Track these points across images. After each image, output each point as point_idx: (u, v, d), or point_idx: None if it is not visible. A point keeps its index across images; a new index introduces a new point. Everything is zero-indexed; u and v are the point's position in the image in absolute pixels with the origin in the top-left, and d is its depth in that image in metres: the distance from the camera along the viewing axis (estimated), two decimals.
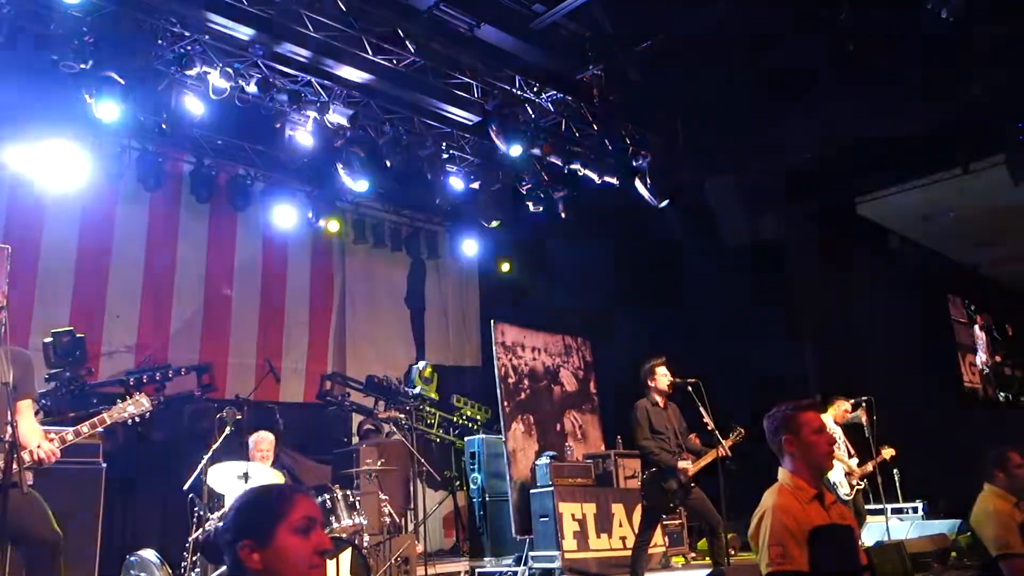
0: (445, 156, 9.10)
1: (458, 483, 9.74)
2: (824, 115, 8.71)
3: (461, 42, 7.63)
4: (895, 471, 8.31)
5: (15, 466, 3.51)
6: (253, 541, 1.87)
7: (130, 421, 4.12)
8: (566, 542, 8.43)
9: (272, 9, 6.92)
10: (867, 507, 8.06)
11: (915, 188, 10.33)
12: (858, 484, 7.65)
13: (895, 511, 8.72)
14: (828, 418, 7.68)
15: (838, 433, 7.77)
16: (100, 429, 4.00)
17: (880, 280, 11.41)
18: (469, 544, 9.68)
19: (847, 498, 7.43)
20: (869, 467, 7.67)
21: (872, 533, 8.02)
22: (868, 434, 7.69)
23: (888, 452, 7.81)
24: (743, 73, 8.00)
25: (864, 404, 7.81)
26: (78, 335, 7.24)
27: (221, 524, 1.94)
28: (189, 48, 6.88)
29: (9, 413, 3.62)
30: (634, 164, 9.15)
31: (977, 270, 14.01)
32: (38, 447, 3.74)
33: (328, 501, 6.04)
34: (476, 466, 9.70)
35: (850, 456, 7.75)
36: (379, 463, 7.46)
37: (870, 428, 7.71)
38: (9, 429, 3.59)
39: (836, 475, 7.34)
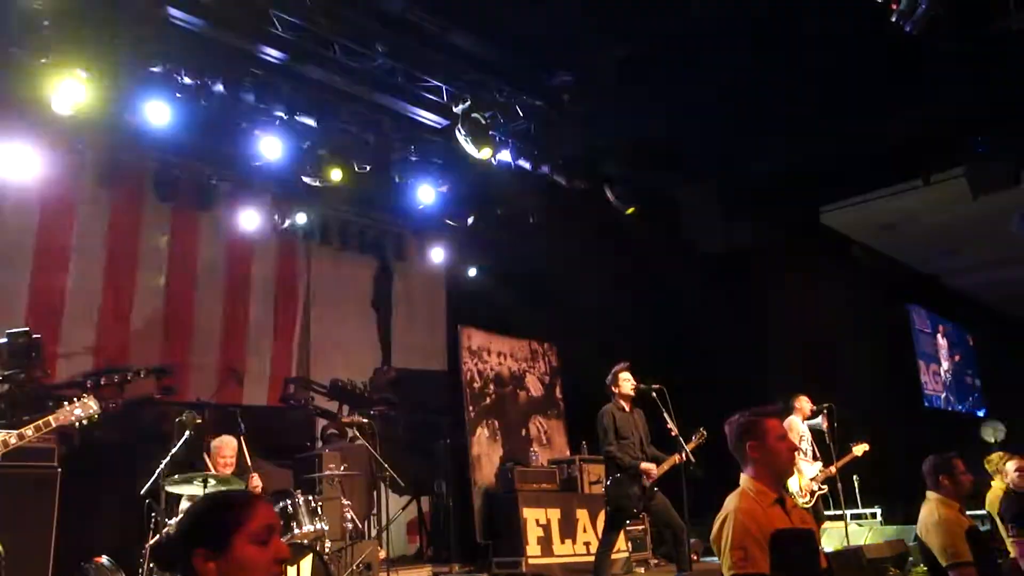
0: (413, 159, 9.06)
1: (422, 488, 9.67)
2: (789, 125, 8.82)
3: (431, 45, 7.60)
4: (854, 476, 8.42)
5: None
6: (208, 550, 1.83)
7: (77, 424, 4.02)
8: (530, 547, 8.43)
9: (239, 8, 6.84)
10: (826, 512, 8.15)
11: (878, 199, 10.53)
12: (819, 489, 7.73)
13: (854, 516, 8.84)
14: (796, 418, 7.76)
15: (806, 433, 7.84)
16: (46, 432, 3.89)
17: (843, 288, 11.60)
18: (433, 550, 9.63)
19: (806, 506, 7.50)
20: (832, 470, 7.75)
21: (831, 538, 8.12)
22: (829, 440, 7.78)
23: (860, 448, 7.87)
24: (713, 81, 8.07)
25: (826, 411, 7.90)
26: (35, 336, 7.07)
27: (175, 530, 1.90)
28: (153, 44, 6.76)
29: None
30: (603, 170, 9.19)
31: (939, 280, 14.30)
32: None
33: (290, 506, 5.97)
34: (440, 471, 9.66)
35: (815, 459, 7.82)
36: (342, 468, 7.39)
37: (831, 434, 7.79)
38: None
39: (793, 485, 7.41)
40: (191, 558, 1.83)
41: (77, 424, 4.03)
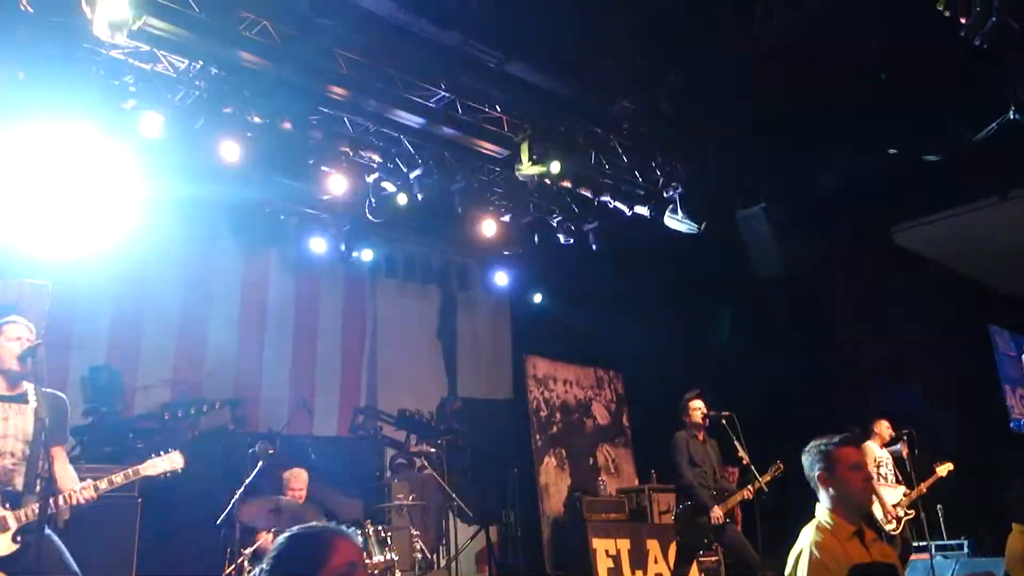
0: (476, 188, 9.15)
1: (490, 518, 9.63)
2: (858, 142, 8.62)
3: (490, 77, 7.69)
4: (939, 506, 8.07)
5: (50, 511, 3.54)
6: None
7: (162, 476, 4.17)
8: None
9: (306, 47, 7.05)
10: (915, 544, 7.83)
11: (952, 216, 10.18)
12: (906, 514, 7.44)
13: (939, 548, 8.46)
14: (873, 443, 7.51)
15: (885, 459, 7.58)
16: (133, 479, 4.03)
17: (919, 311, 11.21)
18: None
19: (893, 533, 7.23)
20: (919, 490, 7.46)
21: (916, 572, 7.78)
22: (909, 468, 7.50)
23: (945, 468, 7.58)
24: (775, 101, 7.96)
25: (905, 437, 7.63)
26: (115, 369, 7.34)
27: (265, 567, 1.91)
28: (225, 86, 7.02)
29: (40, 463, 3.64)
30: (665, 195, 9.13)
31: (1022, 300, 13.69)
32: (80, 490, 3.77)
33: (359, 537, 6.02)
34: (508, 501, 9.62)
35: (898, 483, 7.54)
36: (411, 498, 7.42)
37: (911, 461, 7.51)
38: (39, 482, 3.62)
39: (877, 512, 7.15)
40: None
41: (162, 477, 4.20)
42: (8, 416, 3.83)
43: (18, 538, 3.66)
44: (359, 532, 6.01)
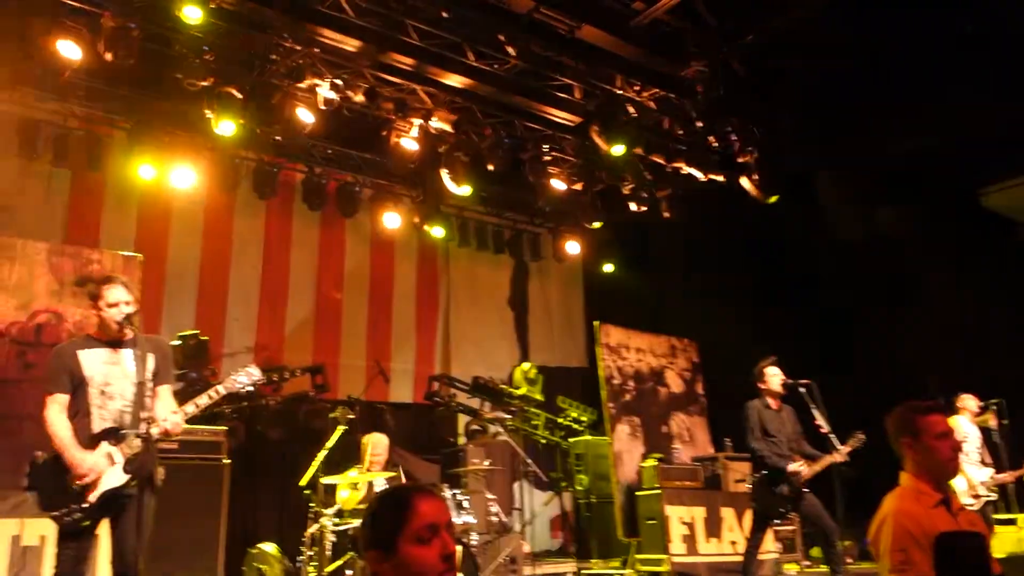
0: (547, 158, 9.12)
1: (564, 484, 9.73)
2: (943, 101, 8.26)
3: (561, 44, 7.63)
4: None
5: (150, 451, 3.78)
6: (379, 552, 1.87)
7: (244, 391, 4.30)
8: (674, 546, 8.30)
9: (378, 20, 7.13)
10: (995, 516, 7.58)
11: None
12: (988, 495, 7.19)
13: None
14: (962, 419, 7.25)
15: (974, 435, 7.30)
16: (216, 400, 4.20)
17: (1010, 276, 10.73)
18: (576, 545, 9.67)
19: (971, 509, 7.01)
20: (1008, 477, 7.19)
21: (1003, 544, 7.54)
22: (998, 439, 7.25)
23: None
24: (854, 61, 7.68)
25: (994, 407, 7.35)
26: (203, 338, 7.64)
27: (360, 527, 1.96)
28: (300, 61, 7.15)
29: (144, 405, 3.85)
30: (740, 160, 8.93)
31: None
32: (164, 420, 3.97)
33: (446, 495, 6.16)
34: (582, 467, 9.69)
35: (985, 464, 7.29)
36: (486, 463, 7.55)
37: (1000, 433, 7.25)
38: (144, 426, 3.83)
39: (959, 485, 6.92)
40: (368, 559, 1.90)
41: (243, 391, 4.30)
42: (117, 361, 4.08)
43: (127, 467, 3.92)
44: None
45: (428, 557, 1.86)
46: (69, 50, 6.39)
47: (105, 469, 3.88)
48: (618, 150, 8.00)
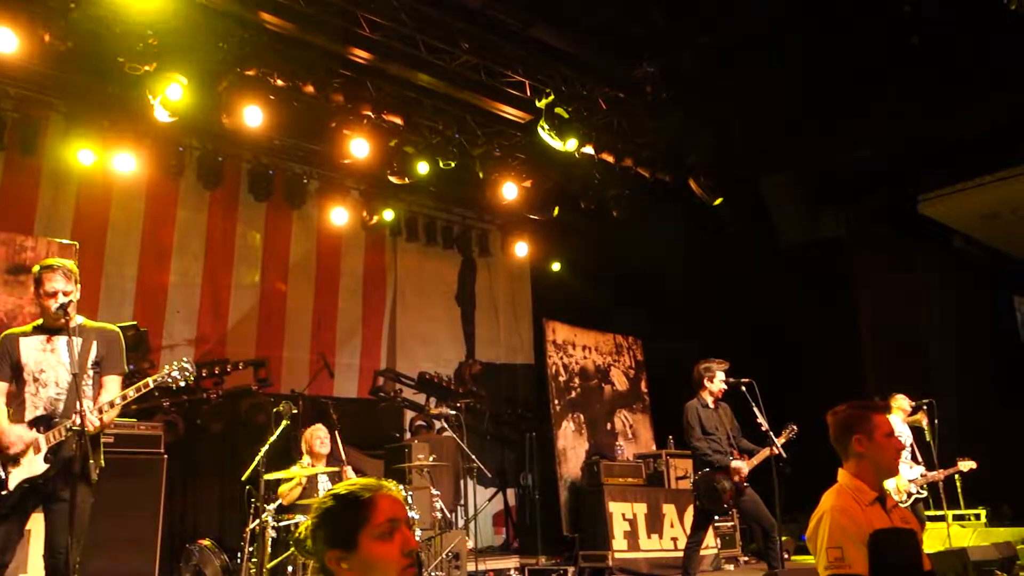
0: (497, 154, 9.12)
1: (508, 480, 9.77)
2: (886, 111, 8.50)
3: (513, 41, 7.63)
4: (956, 476, 8.08)
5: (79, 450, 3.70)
6: (339, 551, 1.86)
7: (175, 386, 4.20)
8: (616, 542, 8.41)
9: (328, 11, 7.02)
10: (927, 512, 7.84)
11: (979, 186, 10.04)
12: (918, 493, 7.44)
13: (956, 517, 8.48)
14: (896, 418, 7.48)
15: (906, 435, 7.54)
16: (144, 392, 4.10)
17: (943, 280, 11.12)
18: (519, 541, 9.72)
19: (903, 505, 7.23)
20: (936, 475, 7.43)
21: (933, 540, 7.81)
22: (929, 438, 7.49)
23: (967, 465, 7.53)
24: (802, 69, 7.85)
25: (925, 407, 7.59)
26: (141, 329, 7.46)
27: (311, 526, 1.93)
28: (248, 49, 7.01)
29: (78, 403, 3.74)
30: (687, 161, 9.06)
31: None
32: (94, 409, 3.88)
33: (402, 491, 6.11)
34: (526, 464, 9.73)
35: (916, 463, 7.53)
36: (431, 459, 7.52)
37: (931, 432, 7.50)
38: (77, 419, 3.72)
39: (889, 484, 7.14)
40: (326, 561, 1.87)
41: (174, 386, 4.19)
42: (53, 349, 4.00)
43: (48, 457, 3.84)
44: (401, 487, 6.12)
45: (390, 553, 1.86)
46: (4, 39, 6.10)
47: (31, 444, 3.82)
48: (568, 147, 8.04)
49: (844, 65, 7.76)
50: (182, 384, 4.23)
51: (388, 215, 9.97)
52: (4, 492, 3.76)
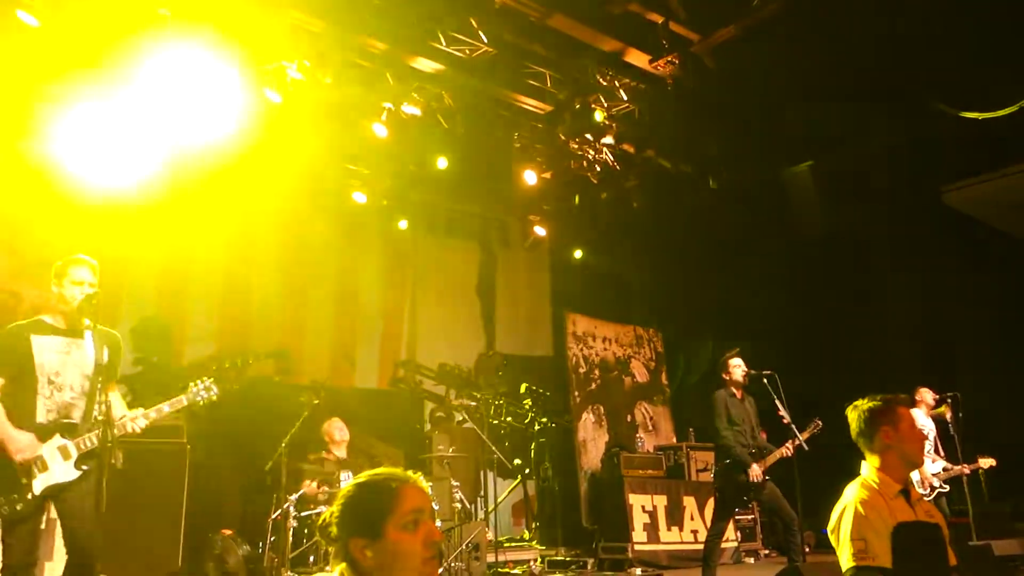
0: (517, 146, 9.10)
1: (528, 472, 9.78)
2: (908, 102, 8.39)
3: (533, 31, 7.60)
4: (981, 472, 7.99)
5: (109, 441, 3.66)
6: (364, 539, 1.87)
7: (202, 403, 4.26)
8: (636, 534, 8.39)
9: (347, 2, 7.03)
10: (949, 509, 7.77)
11: (1004, 176, 9.88)
12: (941, 488, 7.37)
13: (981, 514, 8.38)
14: (919, 411, 7.43)
15: (929, 428, 7.48)
16: (177, 408, 4.14)
17: (967, 273, 10.96)
18: (539, 532, 9.73)
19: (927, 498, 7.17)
20: (962, 469, 7.36)
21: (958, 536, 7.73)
22: (953, 432, 7.41)
23: (987, 462, 7.46)
24: (823, 60, 7.77)
25: (949, 401, 7.52)
26: (163, 321, 7.52)
27: (336, 514, 1.94)
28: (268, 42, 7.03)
29: (99, 393, 3.76)
30: (707, 153, 9.01)
31: None
32: (133, 418, 3.91)
33: (426, 482, 6.12)
34: (546, 455, 9.73)
35: (939, 456, 7.47)
36: (451, 450, 7.54)
37: (955, 426, 7.42)
38: (100, 408, 3.74)
39: (913, 476, 7.09)
40: (350, 549, 1.88)
41: (202, 403, 4.27)
42: (70, 351, 3.96)
43: (83, 466, 3.83)
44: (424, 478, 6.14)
45: (414, 544, 1.87)
46: None
47: (58, 460, 3.80)
48: (588, 138, 8.01)
49: (867, 50, 7.65)
50: (210, 401, 4.32)
51: (408, 208, 9.96)
52: (30, 496, 3.73)
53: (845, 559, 2.77)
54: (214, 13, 6.73)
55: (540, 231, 10.85)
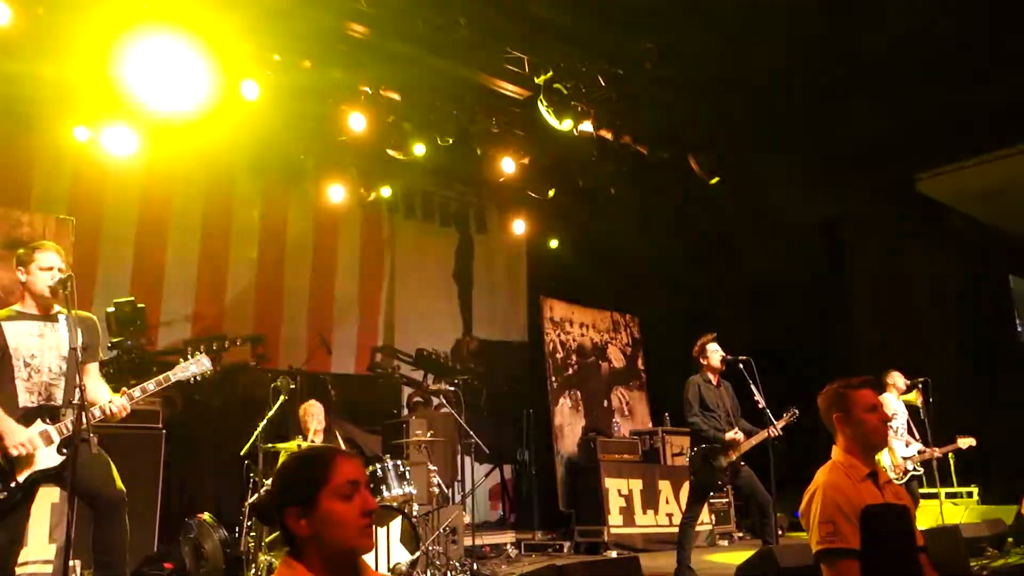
0: (495, 131, 9.06)
1: (505, 456, 9.83)
2: (885, 90, 8.46)
3: (512, 15, 7.57)
4: (950, 455, 8.14)
5: (84, 424, 3.63)
6: (298, 508, 1.91)
7: (192, 380, 4.22)
8: (612, 517, 8.48)
9: None
10: (920, 491, 7.92)
11: (977, 165, 10.02)
12: (913, 471, 7.49)
13: (949, 495, 8.56)
14: (889, 395, 7.53)
15: (901, 412, 7.59)
16: (164, 386, 4.11)
17: (939, 259, 11.13)
18: (516, 516, 9.80)
19: (898, 482, 7.30)
20: (935, 452, 7.49)
21: (926, 516, 7.89)
22: (923, 416, 7.54)
23: (966, 442, 7.58)
24: (804, 47, 7.81)
25: (920, 386, 7.64)
26: (139, 305, 7.44)
27: (271, 486, 1.98)
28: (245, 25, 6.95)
29: (77, 376, 3.73)
30: (686, 139, 9.03)
31: None
32: (110, 402, 3.88)
33: (379, 470, 6.15)
34: (523, 440, 9.79)
35: (914, 439, 7.59)
36: (428, 434, 7.56)
37: (926, 410, 7.54)
38: (77, 392, 3.70)
39: (884, 460, 7.21)
40: (285, 517, 1.92)
41: (192, 380, 4.23)
42: (44, 334, 3.94)
43: (64, 450, 3.80)
44: (379, 465, 6.16)
45: (349, 512, 1.91)
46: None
47: (40, 446, 3.77)
48: (566, 124, 8.00)
49: (845, 40, 7.71)
50: (199, 379, 4.27)
51: (385, 192, 9.93)
52: (13, 485, 3.69)
53: (814, 541, 2.82)
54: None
55: (518, 217, 10.86)
